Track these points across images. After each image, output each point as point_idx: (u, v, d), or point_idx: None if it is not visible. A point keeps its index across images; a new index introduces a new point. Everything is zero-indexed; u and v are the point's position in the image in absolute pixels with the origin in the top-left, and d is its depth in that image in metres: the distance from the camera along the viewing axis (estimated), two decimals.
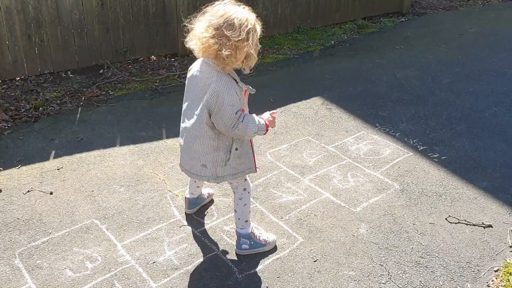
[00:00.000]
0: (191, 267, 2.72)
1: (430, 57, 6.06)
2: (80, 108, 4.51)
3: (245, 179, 2.74)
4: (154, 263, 2.74)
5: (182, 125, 2.58)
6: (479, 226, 3.13)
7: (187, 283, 2.61)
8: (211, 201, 3.26)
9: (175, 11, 5.43)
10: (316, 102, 4.77)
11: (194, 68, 2.54)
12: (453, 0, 8.86)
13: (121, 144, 3.93)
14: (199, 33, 2.35)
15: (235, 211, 2.79)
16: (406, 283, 2.67)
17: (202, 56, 2.43)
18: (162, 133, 4.11)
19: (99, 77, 5.10)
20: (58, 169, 3.57)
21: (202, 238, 2.93)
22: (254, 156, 2.67)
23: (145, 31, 5.38)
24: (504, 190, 3.49)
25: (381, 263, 2.79)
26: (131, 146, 3.90)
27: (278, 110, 4.57)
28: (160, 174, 3.54)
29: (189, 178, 3.01)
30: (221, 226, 3.04)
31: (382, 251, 2.89)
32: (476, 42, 6.68)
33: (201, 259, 2.77)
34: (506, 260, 2.85)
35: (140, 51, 5.46)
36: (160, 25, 5.44)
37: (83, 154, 3.77)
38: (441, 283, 2.68)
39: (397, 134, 4.21)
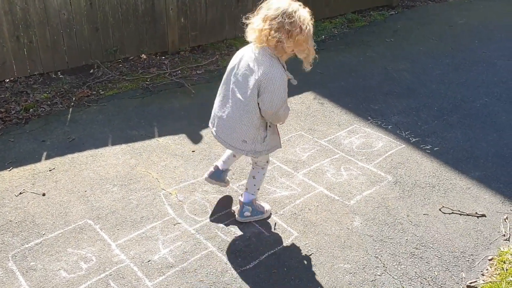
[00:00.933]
0: (186, 265, 2.71)
1: (420, 50, 6.08)
2: (71, 109, 4.47)
3: (267, 161, 3.03)
4: (149, 262, 2.73)
5: (224, 100, 2.78)
6: (472, 216, 3.14)
7: (183, 281, 2.61)
8: (207, 200, 3.25)
9: (164, 9, 5.40)
10: (308, 97, 4.76)
11: (243, 53, 2.71)
12: None
13: (113, 144, 3.91)
14: (257, 26, 2.55)
15: (254, 177, 3.01)
16: (401, 274, 2.68)
17: (260, 46, 2.58)
18: (154, 132, 4.09)
19: (90, 77, 5.07)
20: (50, 170, 3.54)
21: (197, 236, 2.93)
22: (278, 133, 2.91)
23: (135, 30, 5.34)
24: (497, 179, 3.51)
25: (376, 255, 2.80)
26: (123, 145, 3.88)
27: None
28: (153, 173, 3.53)
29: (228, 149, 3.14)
30: (216, 223, 3.03)
31: (377, 243, 2.90)
32: (466, 33, 6.71)
33: (196, 256, 2.77)
34: (499, 249, 2.87)
35: (130, 50, 5.43)
36: (150, 23, 5.41)
37: (75, 155, 3.75)
38: (436, 273, 2.69)
39: (389, 126, 4.22)
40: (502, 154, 3.82)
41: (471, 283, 2.64)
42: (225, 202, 3.23)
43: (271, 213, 3.12)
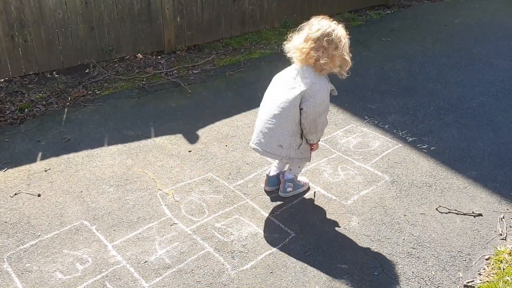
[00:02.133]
0: (183, 265, 2.70)
1: (416, 49, 6.08)
2: (66, 109, 4.45)
3: (299, 167, 3.23)
4: (146, 263, 2.71)
5: (265, 112, 2.98)
6: (469, 215, 3.15)
7: (180, 282, 2.59)
8: (203, 200, 3.24)
9: (160, 8, 5.37)
10: None
11: (286, 71, 3.01)
12: None
13: (109, 144, 3.88)
14: (298, 44, 2.84)
15: (290, 168, 3.22)
16: (398, 274, 2.68)
17: (301, 63, 2.87)
18: (150, 132, 4.08)
19: (85, 77, 5.04)
20: (45, 171, 3.52)
21: (194, 236, 2.91)
22: (310, 149, 3.09)
23: (131, 29, 5.32)
24: (493, 178, 3.52)
25: (374, 255, 2.80)
26: (119, 146, 3.86)
27: None
28: (149, 173, 3.51)
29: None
30: (213, 223, 3.02)
31: (374, 243, 2.89)
32: (462, 32, 6.72)
33: (193, 257, 2.76)
34: (496, 248, 2.88)
35: (126, 50, 5.40)
36: (146, 22, 5.39)
37: (71, 155, 3.73)
38: (433, 273, 2.69)
39: (386, 126, 4.22)
40: (499, 153, 3.82)
41: (468, 282, 2.64)
42: (222, 202, 3.22)
43: (309, 186, 3.36)
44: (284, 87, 2.92)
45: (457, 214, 3.15)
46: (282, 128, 2.91)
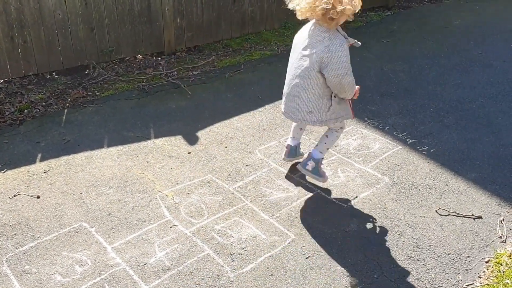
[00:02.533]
0: (182, 268, 2.69)
1: (416, 50, 6.08)
2: (66, 110, 4.44)
3: (341, 127, 3.23)
4: (145, 265, 2.71)
5: (290, 77, 3.04)
6: (469, 217, 3.14)
7: (179, 284, 2.59)
8: (203, 202, 3.24)
9: (160, 9, 5.37)
10: None
11: (304, 29, 2.96)
12: None
13: (109, 145, 3.88)
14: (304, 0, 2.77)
15: (326, 136, 3.24)
16: (398, 277, 2.67)
17: (306, 16, 2.81)
18: (150, 133, 4.07)
19: (85, 78, 5.04)
20: (44, 172, 3.52)
21: (193, 238, 2.91)
22: (350, 105, 3.09)
23: (131, 30, 5.32)
24: (493, 181, 3.51)
25: (373, 258, 2.80)
26: (119, 147, 3.86)
27: (267, 106, 4.55)
28: (149, 175, 3.50)
29: (293, 124, 3.42)
30: (212, 226, 3.02)
31: (374, 245, 2.89)
32: (462, 34, 6.72)
33: (193, 259, 2.75)
34: (496, 251, 2.87)
35: (126, 51, 5.40)
36: (146, 23, 5.38)
37: (70, 156, 3.72)
38: (433, 276, 2.68)
39: (386, 128, 4.22)
40: (498, 156, 3.82)
41: (467, 285, 2.64)
42: (222, 204, 3.21)
43: (327, 183, 3.38)
44: (301, 54, 2.93)
45: (457, 216, 3.15)
46: (307, 95, 2.96)
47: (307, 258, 2.79)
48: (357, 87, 3.04)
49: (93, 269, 2.67)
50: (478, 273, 2.72)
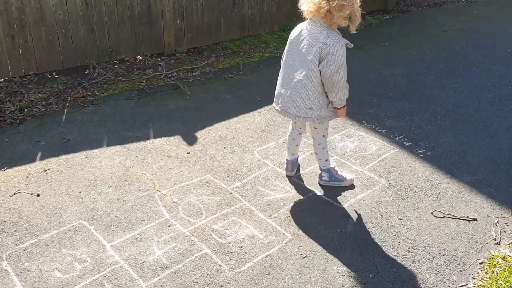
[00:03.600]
0: (180, 266, 2.72)
1: (414, 54, 6.13)
2: (66, 109, 4.47)
3: (327, 128, 3.32)
4: (144, 263, 2.74)
5: (288, 75, 3.11)
6: (464, 219, 3.18)
7: (177, 282, 2.62)
8: (201, 201, 3.27)
9: (160, 10, 5.41)
10: None
11: (300, 28, 3.08)
12: None
13: (108, 145, 3.91)
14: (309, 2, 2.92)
15: (316, 153, 3.39)
16: (393, 277, 2.71)
17: (312, 17, 2.96)
18: (149, 133, 4.10)
19: (85, 78, 5.07)
20: (44, 171, 3.54)
21: (191, 237, 2.94)
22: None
23: (131, 31, 5.35)
24: (488, 184, 3.55)
25: (369, 258, 2.83)
26: (118, 147, 3.89)
27: (265, 108, 4.59)
28: (148, 174, 3.54)
29: (288, 141, 3.49)
30: (210, 225, 3.05)
31: (370, 246, 2.92)
32: (460, 38, 6.77)
33: (191, 258, 2.78)
34: (490, 253, 2.91)
35: (126, 51, 5.44)
36: (146, 24, 5.42)
37: (70, 155, 3.75)
38: (427, 276, 2.72)
39: (383, 130, 4.26)
40: (494, 159, 3.86)
41: (462, 286, 2.67)
42: (220, 204, 3.25)
43: (354, 185, 3.46)
44: (301, 49, 3.02)
45: (452, 218, 3.19)
46: (307, 91, 3.04)
47: (303, 258, 2.82)
48: (344, 106, 3.14)
49: (92, 266, 2.70)
50: (472, 274, 2.76)
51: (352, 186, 3.46)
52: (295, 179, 3.53)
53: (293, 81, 3.08)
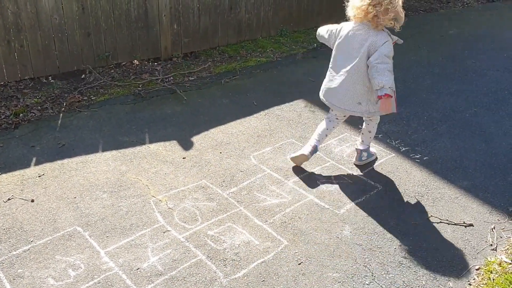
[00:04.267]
0: (175, 273, 2.70)
1: (411, 59, 6.14)
2: (61, 114, 4.45)
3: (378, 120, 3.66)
4: (138, 270, 2.72)
5: (339, 72, 3.35)
6: (460, 225, 3.17)
7: None
8: (197, 207, 3.26)
9: (157, 15, 5.41)
10: (299, 105, 4.79)
11: (348, 28, 3.33)
12: (434, 2, 8.98)
13: (104, 150, 3.89)
14: (357, 3, 3.18)
15: (369, 132, 3.67)
16: (389, 283, 2.69)
17: (360, 21, 3.23)
18: (145, 138, 4.09)
19: (81, 82, 5.06)
20: (39, 176, 3.52)
21: (186, 244, 2.92)
22: (395, 98, 3.40)
23: (127, 36, 5.34)
24: (485, 189, 3.55)
25: (365, 264, 2.82)
26: (114, 152, 3.87)
27: (262, 113, 4.58)
28: (143, 180, 3.52)
29: (321, 129, 3.65)
30: (205, 231, 3.03)
31: (366, 252, 2.91)
32: (456, 43, 6.78)
33: (186, 265, 2.76)
34: (487, 259, 2.90)
35: (122, 56, 5.42)
36: (143, 29, 5.41)
37: (65, 161, 3.73)
38: (424, 283, 2.71)
39: (379, 135, 4.25)
40: (491, 164, 3.86)
41: None
42: (215, 210, 3.23)
43: (377, 156, 3.85)
44: (350, 49, 3.28)
45: (449, 224, 3.18)
46: (357, 88, 3.29)
47: (299, 264, 2.80)
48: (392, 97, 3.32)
49: (86, 273, 2.68)
50: (469, 280, 2.75)
51: (351, 188, 3.45)
52: (291, 184, 3.52)
53: (342, 78, 3.32)
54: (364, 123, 3.69)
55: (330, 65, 3.48)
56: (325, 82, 3.51)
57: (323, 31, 3.57)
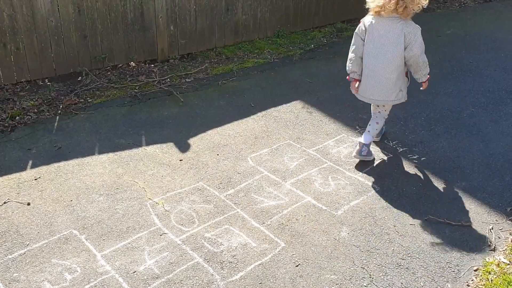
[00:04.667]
0: (172, 276, 2.69)
1: None
2: (58, 117, 4.44)
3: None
4: (135, 273, 2.70)
5: (374, 67, 3.56)
6: (458, 226, 3.16)
7: None
8: (193, 210, 3.24)
9: (153, 17, 5.39)
10: (296, 106, 4.78)
11: (371, 23, 3.53)
12: (430, 2, 8.97)
13: (100, 152, 3.88)
14: (385, 1, 3.37)
15: (377, 123, 3.84)
16: (387, 285, 2.68)
17: (389, 14, 3.42)
18: (141, 140, 4.07)
19: (77, 85, 5.04)
20: (35, 179, 3.51)
21: (183, 246, 2.91)
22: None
23: (124, 37, 5.33)
24: (483, 189, 3.54)
25: (363, 266, 2.80)
26: (110, 154, 3.85)
27: (259, 114, 4.57)
28: (140, 182, 3.50)
29: (375, 124, 3.87)
30: (202, 234, 3.02)
31: (364, 253, 2.90)
32: (453, 43, 6.78)
33: (182, 267, 2.75)
34: (485, 260, 2.89)
35: (118, 58, 5.41)
36: (139, 31, 5.40)
37: (61, 163, 3.71)
38: (422, 284, 2.70)
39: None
40: (488, 164, 3.85)
41: None
42: (213, 212, 3.22)
43: (374, 157, 3.85)
44: (382, 42, 3.49)
45: (447, 225, 3.17)
46: (397, 75, 3.53)
47: (297, 266, 2.79)
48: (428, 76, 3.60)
49: (82, 277, 2.66)
50: (467, 282, 2.74)
51: (348, 189, 3.44)
52: (289, 186, 3.50)
53: (380, 71, 3.52)
54: (372, 116, 3.90)
55: (362, 60, 3.62)
56: (363, 81, 3.67)
57: (351, 49, 3.73)
